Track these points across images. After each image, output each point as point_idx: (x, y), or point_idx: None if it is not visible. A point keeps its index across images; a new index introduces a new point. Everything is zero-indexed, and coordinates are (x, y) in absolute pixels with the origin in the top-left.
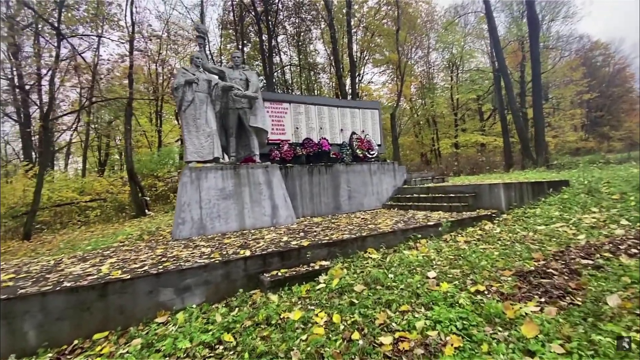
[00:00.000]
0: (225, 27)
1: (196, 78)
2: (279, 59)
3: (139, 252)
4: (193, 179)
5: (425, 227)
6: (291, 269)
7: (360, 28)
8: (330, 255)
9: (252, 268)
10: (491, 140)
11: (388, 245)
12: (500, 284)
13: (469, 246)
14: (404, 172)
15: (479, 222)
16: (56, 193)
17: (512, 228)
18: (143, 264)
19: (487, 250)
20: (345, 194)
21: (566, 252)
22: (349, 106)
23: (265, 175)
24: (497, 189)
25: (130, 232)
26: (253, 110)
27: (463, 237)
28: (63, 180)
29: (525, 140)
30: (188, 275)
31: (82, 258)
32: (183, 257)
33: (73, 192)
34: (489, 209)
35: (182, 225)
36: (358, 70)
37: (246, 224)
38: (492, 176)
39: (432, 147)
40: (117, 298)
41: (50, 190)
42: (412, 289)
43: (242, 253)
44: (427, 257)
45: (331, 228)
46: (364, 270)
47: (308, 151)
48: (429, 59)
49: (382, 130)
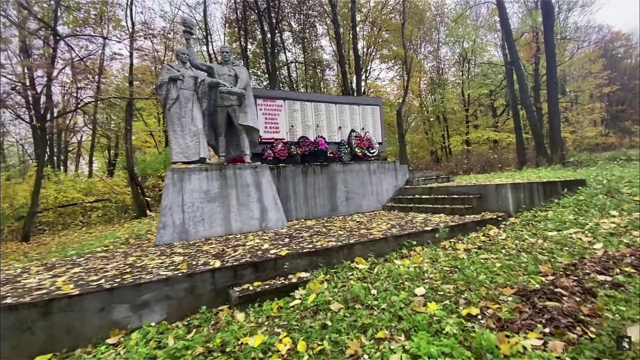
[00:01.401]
0: (231, 25)
1: (181, 74)
2: (284, 56)
3: (110, 260)
4: (175, 181)
5: (421, 233)
6: (265, 282)
7: (367, 23)
8: (311, 265)
9: (221, 281)
10: (504, 136)
11: (378, 253)
12: (498, 306)
13: (469, 255)
14: (406, 171)
15: (483, 226)
16: (62, 194)
17: (520, 234)
18: (104, 275)
19: (488, 261)
20: (342, 195)
21: (579, 265)
22: (347, 102)
23: (254, 176)
24: (504, 189)
25: (119, 236)
26: (243, 108)
27: (464, 244)
28: (70, 181)
29: (539, 137)
30: (146, 290)
31: (50, 266)
32: (149, 268)
33: (78, 193)
34: (495, 211)
35: (163, 230)
36: (365, 67)
37: (232, 228)
38: (502, 175)
39: (443, 144)
40: (64, 316)
41: (57, 191)
42: (395, 309)
43: (212, 264)
44: (419, 269)
45: (321, 233)
46: (346, 284)
47: (303, 150)
48: (439, 54)
49: (384, 128)
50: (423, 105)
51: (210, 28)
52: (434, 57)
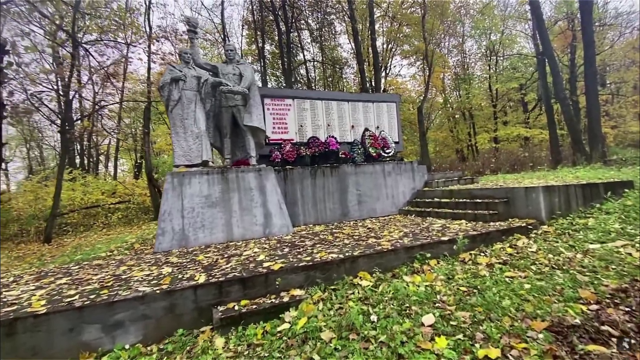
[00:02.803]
0: (249, 26)
1: (183, 75)
2: (302, 56)
3: (102, 270)
4: (175, 185)
5: (436, 244)
6: (254, 301)
7: (387, 18)
8: (308, 281)
9: (205, 299)
10: (536, 133)
11: (386, 267)
12: (526, 346)
13: (491, 272)
14: (425, 172)
15: (510, 236)
16: (87, 195)
17: (554, 246)
18: (84, 289)
19: (514, 281)
20: (354, 198)
21: (631, 290)
22: (361, 100)
23: (258, 180)
24: (535, 193)
25: (127, 240)
26: (248, 108)
27: (486, 257)
28: (95, 183)
29: (576, 132)
30: (120, 309)
31: (41, 276)
32: (133, 281)
33: (102, 195)
34: (524, 218)
35: (162, 237)
36: (384, 63)
37: (234, 234)
38: (534, 174)
39: (469, 142)
40: (29, 337)
41: (84, 192)
42: (395, 344)
43: (197, 279)
44: (430, 289)
45: (325, 241)
46: (343, 306)
47: (313, 151)
48: (464, 48)
49: (400, 126)
50: (447, 102)
51: (227, 31)
52: (458, 52)
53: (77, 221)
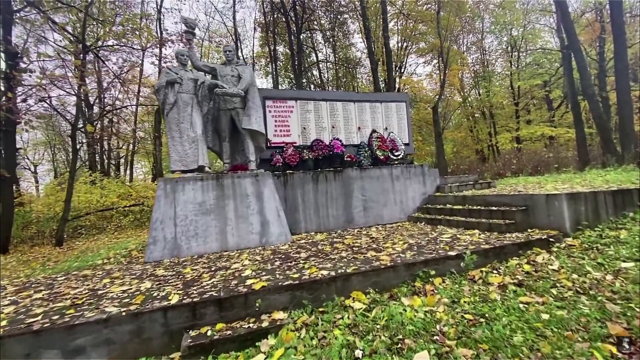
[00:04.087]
0: (263, 29)
1: (179, 77)
2: (314, 57)
3: (84, 283)
4: (168, 192)
5: (443, 260)
6: (230, 325)
7: (401, 16)
8: (293, 302)
9: (176, 322)
10: (562, 132)
11: (384, 286)
12: None
13: (504, 296)
14: (437, 176)
15: (528, 249)
16: (104, 198)
17: (579, 264)
18: (53, 307)
19: (530, 308)
20: (359, 204)
21: None
22: (368, 100)
23: (255, 186)
24: (558, 200)
25: (127, 246)
26: (246, 110)
27: (499, 275)
28: (112, 185)
29: (606, 131)
30: (81, 333)
31: (24, 287)
32: (107, 297)
33: (117, 198)
34: (545, 229)
35: (153, 246)
36: (399, 62)
37: (229, 244)
38: (559, 177)
39: (489, 142)
40: None
41: (100, 195)
42: None
43: (171, 298)
44: (430, 316)
45: (322, 253)
46: (328, 335)
47: (317, 154)
48: (483, 44)
49: (411, 127)
50: (466, 100)
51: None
52: (477, 48)
53: (92, 224)
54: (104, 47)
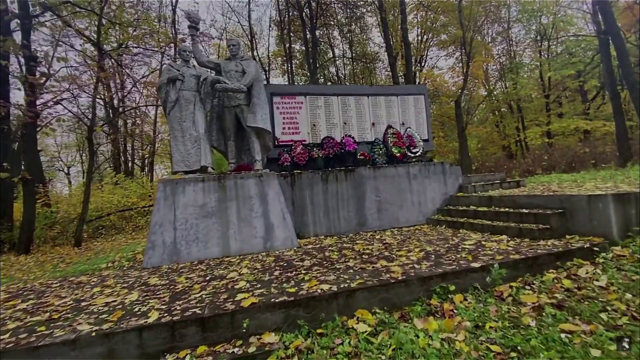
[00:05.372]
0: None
1: (180, 74)
2: (331, 53)
3: (77, 289)
4: (167, 195)
5: (464, 273)
6: (213, 348)
7: (421, 8)
8: (288, 322)
9: (153, 344)
10: (598, 125)
11: (394, 303)
12: None
13: (540, 321)
14: (459, 175)
15: (567, 260)
16: (125, 199)
17: (633, 279)
18: (31, 320)
19: (575, 339)
20: (372, 206)
21: None
22: (383, 94)
23: (259, 187)
24: (603, 202)
25: (133, 249)
26: (251, 107)
27: (533, 292)
28: (133, 186)
29: None
30: (45, 356)
31: (14, 295)
32: (87, 311)
33: (137, 198)
34: (587, 236)
35: (152, 251)
36: (419, 55)
37: (231, 248)
38: (597, 175)
39: (517, 137)
40: None
41: (121, 196)
42: None
43: (150, 315)
44: (448, 345)
45: (327, 261)
46: None
47: (327, 153)
48: (510, 34)
49: (430, 122)
50: (492, 94)
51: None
52: (503, 39)
53: (112, 223)
54: (122, 48)
